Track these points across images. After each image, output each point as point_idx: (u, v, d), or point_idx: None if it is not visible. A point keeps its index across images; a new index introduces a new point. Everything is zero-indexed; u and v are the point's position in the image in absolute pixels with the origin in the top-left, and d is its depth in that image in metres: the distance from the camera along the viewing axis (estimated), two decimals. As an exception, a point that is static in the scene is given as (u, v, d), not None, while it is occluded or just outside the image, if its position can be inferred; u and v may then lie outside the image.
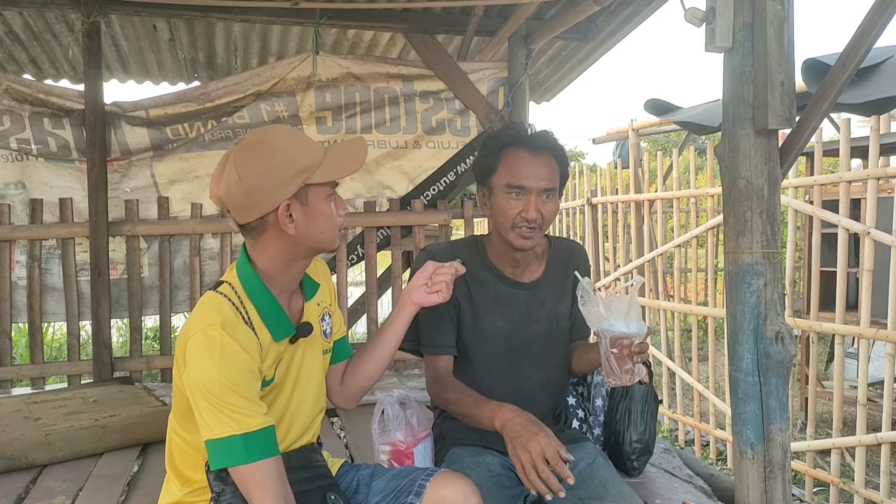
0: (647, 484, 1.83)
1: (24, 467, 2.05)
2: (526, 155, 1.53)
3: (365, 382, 1.49)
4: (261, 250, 1.25)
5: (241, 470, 1.12)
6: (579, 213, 6.12)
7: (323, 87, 3.38)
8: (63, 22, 3.37)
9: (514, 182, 1.53)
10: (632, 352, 1.40)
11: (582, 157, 16.95)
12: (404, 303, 1.46)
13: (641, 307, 1.50)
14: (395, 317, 1.46)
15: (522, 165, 1.53)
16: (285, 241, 1.23)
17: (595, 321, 1.43)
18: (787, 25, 1.47)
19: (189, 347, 1.15)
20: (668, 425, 4.90)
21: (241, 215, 1.21)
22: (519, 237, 1.55)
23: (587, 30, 3.37)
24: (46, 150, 3.16)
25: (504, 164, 1.55)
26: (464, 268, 1.49)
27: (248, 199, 1.18)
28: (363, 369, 1.48)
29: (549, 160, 1.56)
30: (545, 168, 1.54)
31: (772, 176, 1.55)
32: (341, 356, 1.49)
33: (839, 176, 3.46)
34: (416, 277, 1.47)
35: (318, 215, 1.23)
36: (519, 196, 1.53)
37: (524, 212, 1.52)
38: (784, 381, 1.57)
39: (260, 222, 1.21)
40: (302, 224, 1.21)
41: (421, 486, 1.30)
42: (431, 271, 1.46)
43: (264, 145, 1.20)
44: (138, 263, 3.21)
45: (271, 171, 1.18)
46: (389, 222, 3.42)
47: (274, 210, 1.19)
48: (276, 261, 1.25)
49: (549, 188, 1.54)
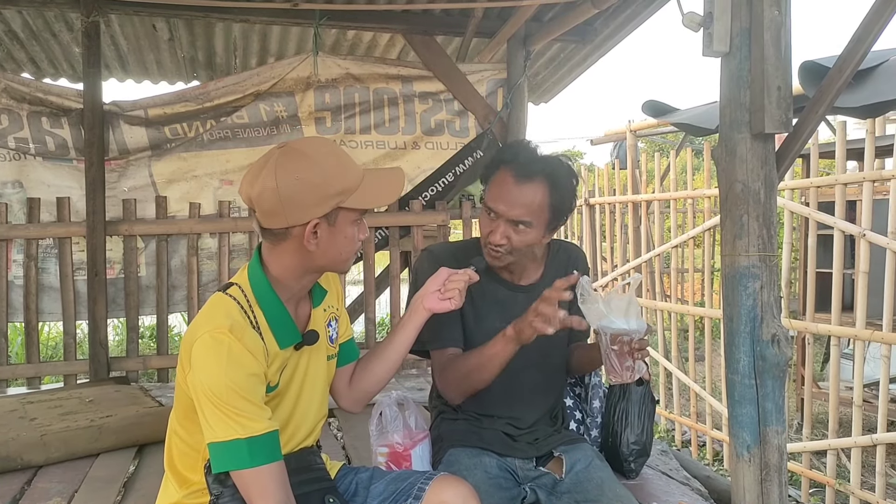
0: (643, 486, 1.83)
1: (20, 468, 2.04)
2: (510, 180, 1.51)
3: (373, 387, 1.48)
4: (277, 256, 1.24)
5: (243, 474, 1.12)
6: (577, 213, 6.13)
7: (322, 87, 3.38)
8: (62, 21, 3.37)
9: (489, 203, 1.54)
10: (632, 348, 1.42)
11: (580, 157, 17.01)
12: (416, 308, 1.44)
13: (642, 307, 1.51)
14: (406, 321, 1.45)
15: (503, 190, 1.52)
16: (302, 255, 1.23)
17: (595, 319, 1.44)
18: (783, 31, 1.47)
19: (195, 349, 1.15)
20: (665, 425, 4.92)
21: (268, 220, 1.20)
22: (488, 254, 1.57)
23: (585, 32, 3.39)
24: (44, 149, 3.15)
25: (493, 181, 1.56)
26: (477, 276, 1.48)
27: (280, 207, 1.17)
28: (372, 372, 1.47)
29: (536, 190, 1.50)
30: (525, 197, 1.50)
31: (768, 180, 1.56)
32: (349, 358, 1.48)
33: (835, 178, 3.48)
34: (429, 283, 1.45)
35: (341, 238, 1.23)
36: (493, 218, 1.54)
37: (492, 235, 1.53)
38: (780, 384, 1.57)
39: (284, 231, 1.20)
40: (324, 243, 1.21)
41: (420, 489, 1.30)
42: (445, 277, 1.45)
43: (308, 158, 1.19)
44: (135, 263, 3.21)
45: (309, 186, 1.17)
46: (388, 222, 3.42)
47: (302, 224, 1.19)
48: (290, 270, 1.25)
49: (521, 220, 1.51)
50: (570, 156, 13.64)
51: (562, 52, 3.81)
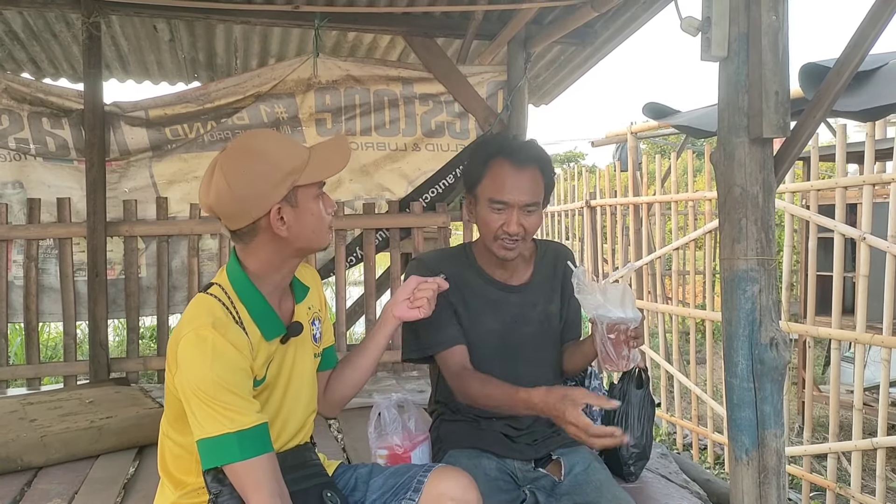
0: (643, 489, 1.83)
1: (20, 469, 2.04)
2: (510, 168, 1.55)
3: (348, 391, 1.51)
4: (251, 253, 1.26)
5: (235, 468, 1.13)
6: (578, 214, 6.14)
7: (323, 89, 3.38)
8: (63, 22, 3.37)
9: (496, 197, 1.55)
10: (628, 337, 1.44)
11: (582, 159, 17.01)
12: (386, 317, 1.48)
13: (640, 310, 1.52)
14: (376, 330, 1.49)
15: (506, 180, 1.55)
16: (277, 243, 1.24)
17: (592, 308, 1.46)
18: (781, 35, 1.47)
19: (181, 347, 1.16)
20: (667, 429, 4.91)
21: (233, 222, 1.22)
22: (501, 248, 1.58)
23: (586, 34, 3.39)
24: (45, 149, 3.15)
25: (489, 176, 1.57)
26: (447, 283, 1.51)
27: (240, 206, 1.19)
28: (347, 378, 1.50)
29: (534, 173, 1.57)
30: (529, 182, 1.56)
31: (766, 184, 1.56)
32: (327, 365, 1.51)
33: (835, 181, 3.48)
34: (399, 292, 1.49)
35: (308, 215, 1.24)
36: (501, 210, 1.56)
37: (506, 225, 1.55)
38: (779, 387, 1.57)
39: (251, 227, 1.22)
40: (294, 225, 1.23)
41: (419, 482, 1.31)
42: (414, 286, 1.48)
43: (250, 151, 1.21)
44: (136, 264, 3.21)
45: (259, 176, 1.19)
46: (388, 224, 3.42)
47: (265, 214, 1.21)
48: (268, 263, 1.27)
49: (531, 203, 1.56)
50: (573, 156, 13.56)
51: (562, 54, 3.81)
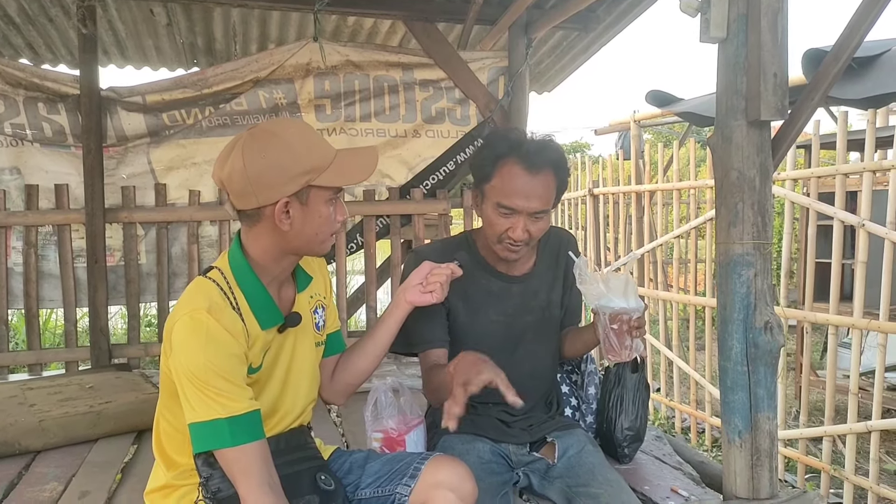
0: (636, 470, 1.84)
1: (18, 453, 2.05)
2: (522, 173, 1.47)
3: (355, 379, 1.49)
4: (254, 238, 1.25)
5: (225, 453, 1.13)
6: (581, 203, 6.12)
7: (322, 74, 3.36)
8: (59, 6, 3.35)
9: (505, 202, 1.48)
10: (631, 327, 1.43)
11: (587, 148, 16.91)
12: (398, 302, 1.46)
13: (642, 297, 1.51)
14: (387, 315, 1.47)
15: (517, 185, 1.47)
16: (277, 236, 1.23)
17: (594, 298, 1.45)
18: (780, 17, 1.46)
19: (175, 331, 1.16)
20: (666, 413, 4.94)
21: (239, 201, 1.21)
22: (504, 250, 1.55)
23: (588, 20, 3.36)
24: (41, 135, 3.14)
25: (499, 177, 1.50)
26: (461, 270, 1.47)
27: (249, 187, 1.18)
28: (354, 365, 1.48)
29: (547, 177, 1.49)
30: (541, 188, 1.48)
31: (763, 167, 1.55)
32: (334, 350, 1.49)
33: (836, 168, 3.46)
34: (412, 276, 1.46)
35: (315, 217, 1.23)
36: (509, 216, 1.50)
37: (511, 231, 1.50)
38: (772, 371, 1.58)
39: (256, 212, 1.21)
40: (297, 223, 1.21)
41: (416, 469, 1.31)
42: (427, 271, 1.45)
43: (276, 137, 1.19)
44: (135, 250, 3.21)
45: (277, 165, 1.17)
46: (389, 211, 3.42)
47: (272, 203, 1.19)
48: (267, 252, 1.26)
49: (541, 210, 1.49)
50: (579, 147, 13.34)
51: (564, 40, 3.78)
